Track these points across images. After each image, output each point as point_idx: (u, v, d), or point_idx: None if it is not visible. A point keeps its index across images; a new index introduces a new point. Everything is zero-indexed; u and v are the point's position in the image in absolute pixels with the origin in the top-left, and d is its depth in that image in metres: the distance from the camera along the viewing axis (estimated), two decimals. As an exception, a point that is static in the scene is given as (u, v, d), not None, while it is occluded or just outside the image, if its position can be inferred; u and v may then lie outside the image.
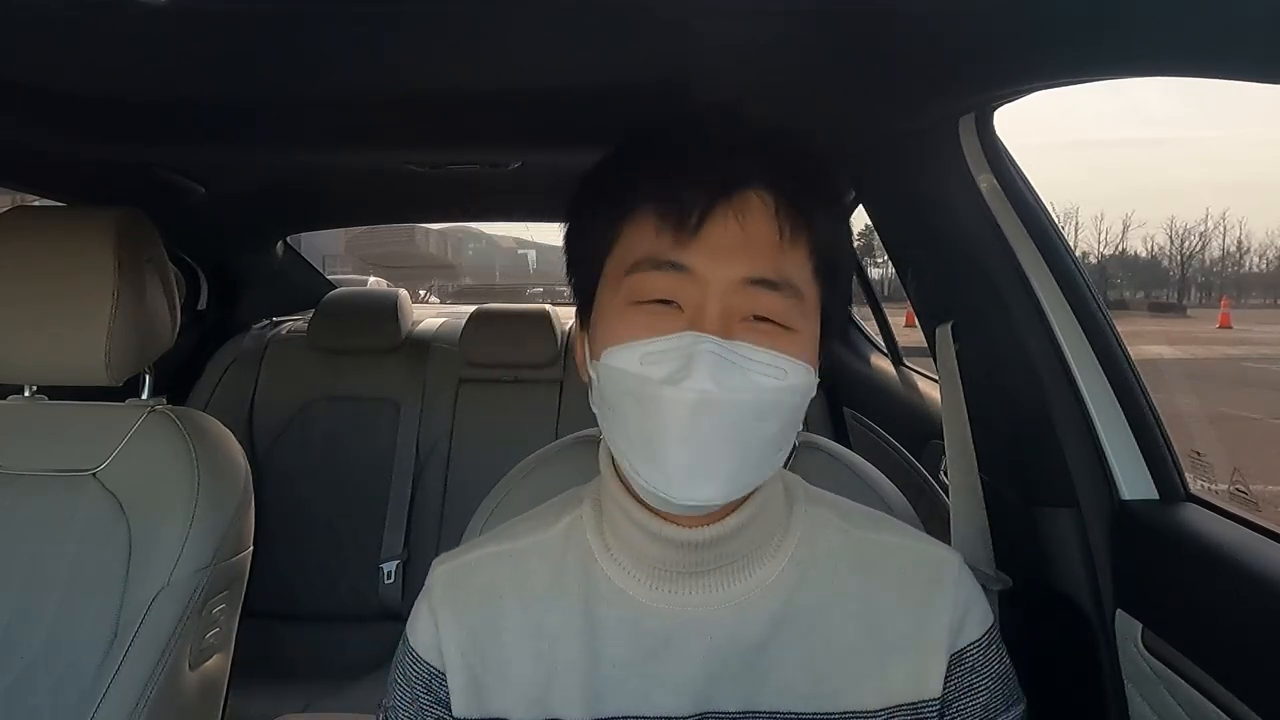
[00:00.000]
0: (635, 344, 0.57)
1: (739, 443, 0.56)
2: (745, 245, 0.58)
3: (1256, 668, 0.70)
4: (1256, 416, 5.88)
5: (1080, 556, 0.91)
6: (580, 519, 0.67)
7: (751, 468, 0.58)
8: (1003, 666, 0.65)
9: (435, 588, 0.66)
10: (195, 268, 2.12)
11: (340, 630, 1.96)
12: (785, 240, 0.59)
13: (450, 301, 9.91)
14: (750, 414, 0.56)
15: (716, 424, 0.55)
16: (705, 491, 0.56)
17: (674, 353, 0.56)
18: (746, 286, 0.57)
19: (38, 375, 1.10)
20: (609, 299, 0.61)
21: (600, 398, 0.61)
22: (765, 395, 0.56)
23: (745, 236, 0.58)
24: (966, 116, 0.90)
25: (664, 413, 0.55)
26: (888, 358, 1.92)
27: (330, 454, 2.05)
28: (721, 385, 0.54)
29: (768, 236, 0.59)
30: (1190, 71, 0.59)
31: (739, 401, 0.55)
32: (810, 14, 0.73)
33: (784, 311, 0.58)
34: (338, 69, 0.89)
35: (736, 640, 0.61)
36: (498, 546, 0.67)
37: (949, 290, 1.06)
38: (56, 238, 1.07)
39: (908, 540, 0.67)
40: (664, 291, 0.58)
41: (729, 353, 0.55)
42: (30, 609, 1.00)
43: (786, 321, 0.58)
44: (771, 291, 0.58)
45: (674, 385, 0.54)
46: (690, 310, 0.57)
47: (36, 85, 0.92)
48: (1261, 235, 77.13)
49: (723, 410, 0.55)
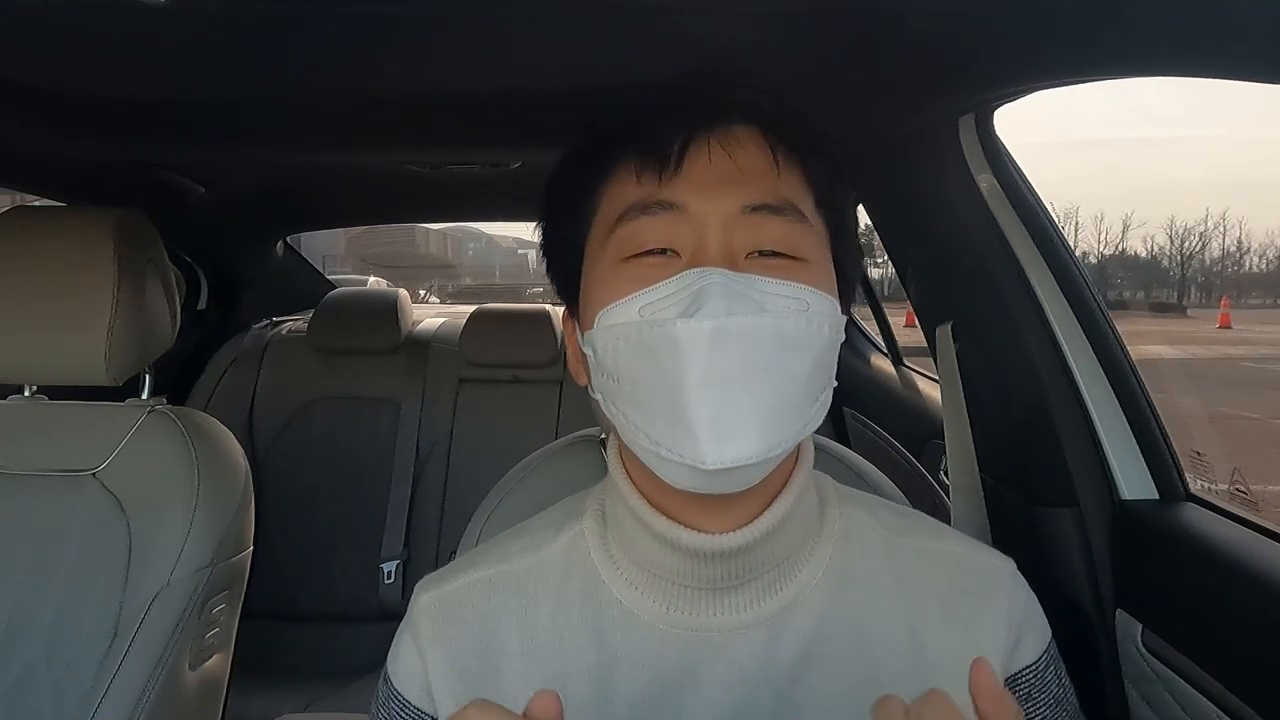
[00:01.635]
0: (632, 296, 0.51)
1: (769, 380, 0.48)
2: (737, 173, 0.53)
3: (1256, 668, 0.70)
4: (1256, 416, 5.88)
5: (1080, 556, 0.91)
6: (582, 535, 0.59)
7: (788, 414, 0.49)
8: (1061, 690, 0.58)
9: (421, 622, 0.57)
10: (195, 268, 2.12)
11: (340, 630, 1.96)
12: (780, 167, 0.54)
13: (450, 301, 9.90)
14: (776, 345, 0.48)
15: (737, 355, 0.47)
16: (739, 446, 0.47)
17: (677, 295, 0.49)
18: (746, 215, 0.52)
19: (38, 375, 1.10)
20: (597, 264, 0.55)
21: (600, 371, 0.53)
22: (787, 322, 0.49)
23: (735, 165, 0.53)
24: (966, 116, 0.90)
25: (679, 354, 0.47)
26: (888, 358, 1.92)
27: (330, 454, 2.05)
28: (735, 314, 0.47)
29: (760, 163, 0.54)
30: (1190, 71, 0.59)
31: (761, 329, 0.48)
32: (810, 14, 0.73)
33: (793, 239, 0.52)
34: (338, 69, 0.89)
35: (767, 668, 0.53)
36: (490, 570, 0.58)
37: (949, 290, 1.06)
38: (56, 238, 1.07)
39: (952, 545, 0.59)
40: (657, 238, 0.52)
41: (739, 284, 0.49)
42: (30, 609, 1.00)
43: (798, 251, 0.52)
44: (775, 216, 0.52)
45: (684, 319, 0.47)
46: (689, 253, 0.51)
47: (36, 85, 0.92)
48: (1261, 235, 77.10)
49: (744, 341, 0.47)
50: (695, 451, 0.47)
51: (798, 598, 0.55)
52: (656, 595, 0.55)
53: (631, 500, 0.55)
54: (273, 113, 1.08)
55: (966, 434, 1.04)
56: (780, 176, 0.54)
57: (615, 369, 0.52)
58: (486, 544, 0.63)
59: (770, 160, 0.54)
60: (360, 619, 1.96)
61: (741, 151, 0.54)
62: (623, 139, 0.55)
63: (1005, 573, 0.58)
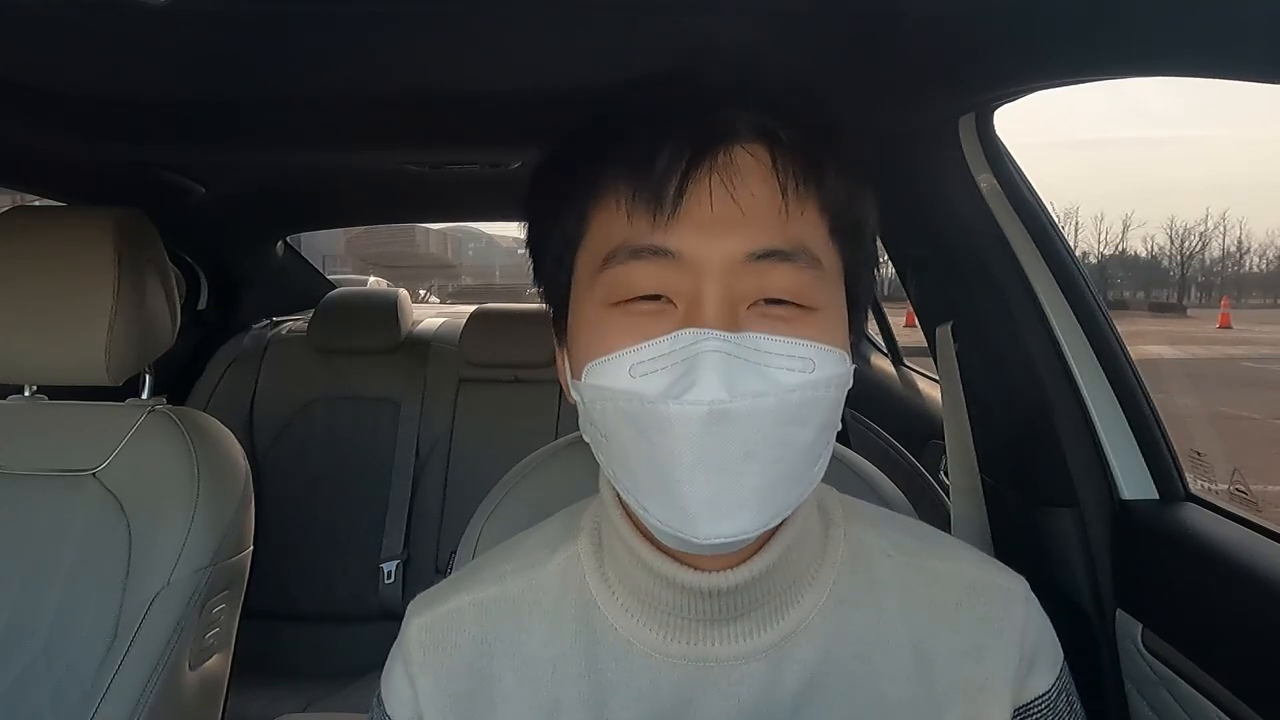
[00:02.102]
0: (621, 354, 0.47)
1: (768, 459, 0.45)
2: (739, 215, 0.47)
3: (1256, 668, 0.70)
4: (1256, 416, 5.88)
5: (1080, 556, 0.91)
6: (577, 557, 0.56)
7: (787, 487, 0.47)
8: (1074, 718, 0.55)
9: (413, 648, 0.56)
10: (195, 268, 2.12)
11: (340, 630, 1.96)
12: (789, 200, 0.48)
13: (450, 301, 9.89)
14: (777, 422, 0.45)
15: (736, 440, 0.44)
16: (735, 525, 0.45)
17: (670, 358, 0.45)
18: (750, 264, 0.47)
19: (38, 375, 1.10)
20: (584, 303, 0.51)
21: (589, 422, 0.51)
22: (792, 395, 0.45)
23: (738, 205, 0.47)
24: (966, 116, 0.90)
25: (670, 436, 0.44)
26: (888, 358, 1.92)
27: (330, 454, 2.05)
28: (736, 391, 0.44)
29: (766, 199, 0.48)
30: (1190, 71, 0.59)
31: (760, 409, 0.44)
32: (810, 14, 0.73)
33: (802, 287, 0.47)
34: (338, 69, 0.89)
35: (768, 699, 0.51)
36: (483, 593, 0.56)
37: (949, 290, 1.06)
38: (56, 238, 1.07)
39: (963, 566, 0.56)
40: (649, 285, 0.47)
41: (739, 349, 0.45)
42: (30, 609, 1.00)
43: (806, 300, 0.48)
44: (783, 264, 0.47)
45: (677, 400, 0.44)
46: (685, 304, 0.47)
47: (36, 85, 0.92)
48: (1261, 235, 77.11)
49: (742, 422, 0.44)
50: (689, 528, 0.45)
51: (800, 625, 0.52)
52: (653, 624, 0.53)
53: (626, 535, 0.53)
54: (273, 113, 1.08)
55: (966, 434, 1.04)
56: (789, 214, 0.48)
57: (604, 428, 0.49)
58: (479, 561, 0.61)
59: (777, 193, 0.48)
60: (360, 619, 1.96)
61: (746, 187, 0.47)
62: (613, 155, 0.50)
63: (1018, 596, 0.55)
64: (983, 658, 0.53)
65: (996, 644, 0.53)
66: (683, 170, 0.47)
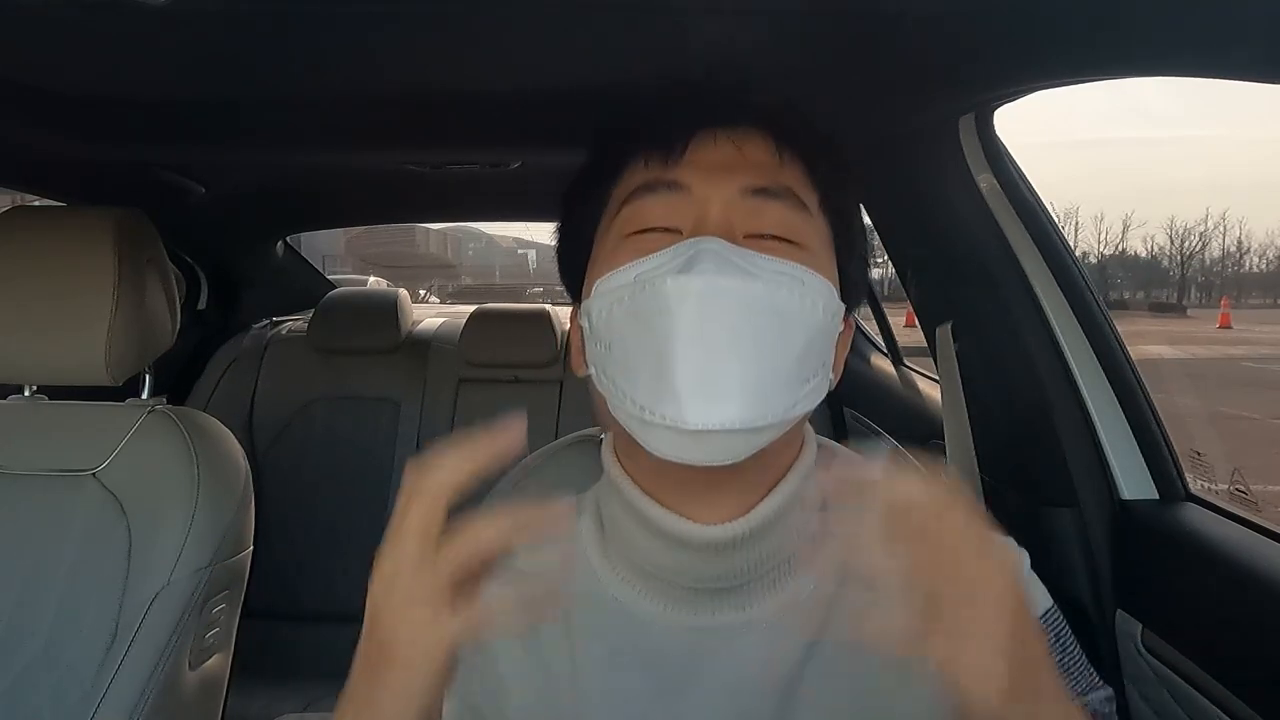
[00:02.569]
0: (629, 265, 0.51)
1: (757, 346, 0.48)
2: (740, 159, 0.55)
3: (1256, 668, 0.70)
4: (1256, 416, 5.88)
5: (1080, 556, 0.91)
6: (579, 535, 0.59)
7: (776, 386, 0.49)
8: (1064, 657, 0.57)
9: None
10: (195, 268, 2.12)
11: (340, 630, 1.95)
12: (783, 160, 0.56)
13: (450, 301, 9.89)
14: (767, 310, 0.48)
15: (728, 319, 0.47)
16: (724, 410, 0.47)
17: (673, 258, 0.50)
18: (746, 198, 0.53)
19: (38, 375, 1.10)
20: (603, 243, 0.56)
21: (594, 340, 0.53)
22: (780, 294, 0.49)
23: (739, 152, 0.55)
24: (966, 116, 0.90)
25: (668, 311, 0.47)
26: (888, 358, 1.92)
27: (330, 454, 2.05)
28: (724, 275, 0.48)
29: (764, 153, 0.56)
30: (1190, 71, 0.59)
31: (752, 291, 0.48)
32: (810, 14, 0.73)
33: (793, 224, 0.54)
34: (338, 69, 0.89)
35: (770, 668, 0.53)
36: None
37: (949, 290, 1.06)
38: (56, 238, 1.07)
39: None
40: (660, 217, 0.53)
41: (734, 253, 0.49)
42: (30, 609, 1.00)
43: (797, 236, 0.53)
44: (775, 201, 0.54)
45: (674, 275, 0.48)
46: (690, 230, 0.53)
47: (36, 85, 0.92)
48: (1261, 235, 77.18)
49: (734, 300, 0.47)
50: (678, 412, 0.47)
51: (800, 595, 0.54)
52: (654, 596, 0.55)
53: (627, 491, 0.55)
54: (273, 113, 1.08)
55: (966, 434, 1.04)
56: (783, 167, 0.56)
57: (607, 334, 0.52)
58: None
59: (774, 152, 0.56)
60: (360, 619, 1.95)
61: (746, 144, 0.56)
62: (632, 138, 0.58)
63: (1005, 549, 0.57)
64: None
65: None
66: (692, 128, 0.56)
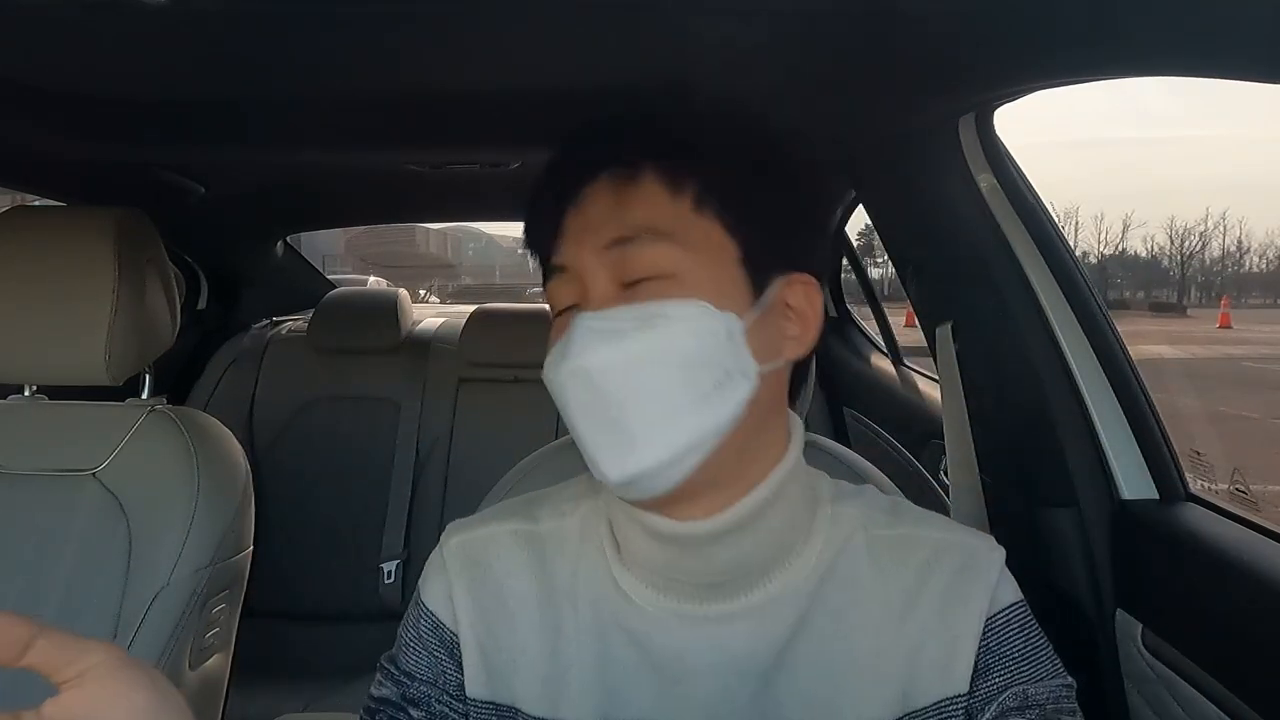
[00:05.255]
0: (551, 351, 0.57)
1: (632, 397, 0.53)
2: (590, 219, 0.57)
3: (1256, 668, 0.70)
4: (1256, 416, 5.88)
5: (1080, 556, 0.91)
6: (596, 512, 0.63)
7: (670, 417, 0.53)
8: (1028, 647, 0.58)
9: (450, 558, 0.63)
10: (195, 268, 2.12)
11: (340, 630, 1.96)
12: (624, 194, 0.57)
13: (450, 301, 9.90)
14: (635, 364, 0.53)
15: (604, 390, 0.53)
16: (630, 459, 0.53)
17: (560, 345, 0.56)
18: (607, 253, 0.56)
19: (38, 375, 1.10)
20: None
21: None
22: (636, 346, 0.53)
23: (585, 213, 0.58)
24: (966, 116, 0.90)
25: (562, 399, 0.55)
26: (888, 358, 1.92)
27: (330, 454, 2.05)
28: (588, 351, 0.53)
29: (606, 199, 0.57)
30: (1190, 71, 0.59)
31: (617, 359, 0.53)
32: (810, 14, 0.73)
33: (654, 260, 0.55)
34: (338, 69, 0.89)
35: (753, 654, 0.57)
36: (517, 525, 0.64)
37: (949, 290, 1.06)
38: (56, 238, 1.07)
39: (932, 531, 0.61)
40: (564, 297, 0.58)
41: (599, 320, 0.54)
42: (31, 609, 1.00)
43: (663, 269, 0.55)
44: (631, 245, 0.55)
45: (554, 369, 0.55)
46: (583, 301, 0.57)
47: (36, 85, 0.92)
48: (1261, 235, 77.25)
49: (603, 371, 0.53)
50: (600, 471, 0.54)
51: (785, 591, 0.58)
52: (649, 583, 0.59)
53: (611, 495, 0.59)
54: (273, 113, 1.08)
55: (966, 434, 1.04)
56: (626, 205, 0.57)
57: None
58: (511, 502, 0.68)
59: (611, 191, 0.57)
60: (360, 619, 1.96)
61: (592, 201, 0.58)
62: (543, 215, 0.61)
63: (983, 549, 0.60)
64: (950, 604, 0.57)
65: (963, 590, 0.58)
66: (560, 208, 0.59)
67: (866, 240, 6.15)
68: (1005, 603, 0.59)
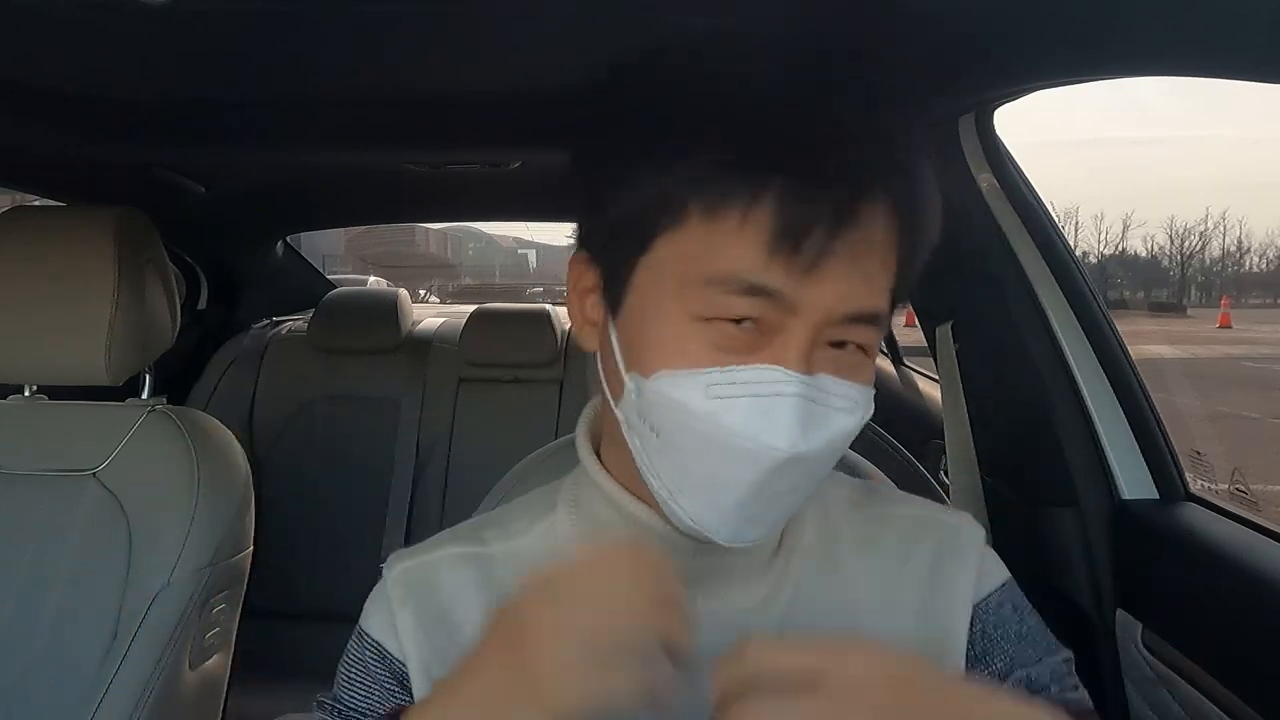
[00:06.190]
0: (700, 372, 0.47)
1: (808, 489, 0.51)
2: (855, 274, 0.48)
3: (1256, 667, 0.70)
4: (1256, 416, 5.88)
5: (1080, 556, 0.91)
6: (554, 527, 0.59)
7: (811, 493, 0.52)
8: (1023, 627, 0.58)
9: (393, 587, 0.59)
10: (195, 268, 2.12)
11: (340, 630, 1.93)
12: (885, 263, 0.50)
13: (450, 301, 9.89)
14: (827, 461, 0.50)
15: (793, 477, 0.48)
16: (757, 532, 0.50)
17: (750, 388, 0.47)
18: (844, 321, 0.48)
19: (38, 375, 1.10)
20: (665, 306, 0.49)
21: (638, 416, 0.51)
22: (839, 438, 0.49)
23: (856, 262, 0.47)
24: (966, 116, 0.90)
25: (739, 467, 0.47)
26: (888, 358, 1.92)
27: (330, 454, 2.04)
28: (808, 439, 0.46)
29: (880, 259, 0.49)
30: (1190, 71, 0.59)
31: (819, 453, 0.48)
32: (810, 14, 0.73)
33: (870, 339, 0.51)
34: (338, 69, 0.89)
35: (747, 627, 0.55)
36: (463, 549, 0.60)
37: (949, 290, 1.06)
38: (56, 238, 1.07)
39: (910, 508, 0.62)
40: (747, 312, 0.47)
41: (815, 392, 0.47)
42: (31, 609, 1.00)
43: (868, 343, 0.51)
44: (868, 326, 0.50)
45: (753, 440, 0.46)
46: (771, 335, 0.48)
47: (36, 85, 0.92)
48: (1261, 235, 77.22)
49: (803, 464, 0.47)
50: (719, 533, 0.49)
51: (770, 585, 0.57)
52: None
53: (606, 486, 0.56)
54: (273, 113, 1.08)
55: (966, 434, 1.04)
56: (883, 274, 0.50)
57: (665, 432, 0.50)
58: (460, 526, 0.64)
59: (883, 253, 0.49)
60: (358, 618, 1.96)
61: (866, 244, 0.47)
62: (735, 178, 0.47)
63: (965, 526, 0.60)
64: (936, 581, 0.57)
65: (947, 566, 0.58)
66: (828, 228, 0.45)
67: (866, 240, 6.13)
68: (996, 583, 0.59)
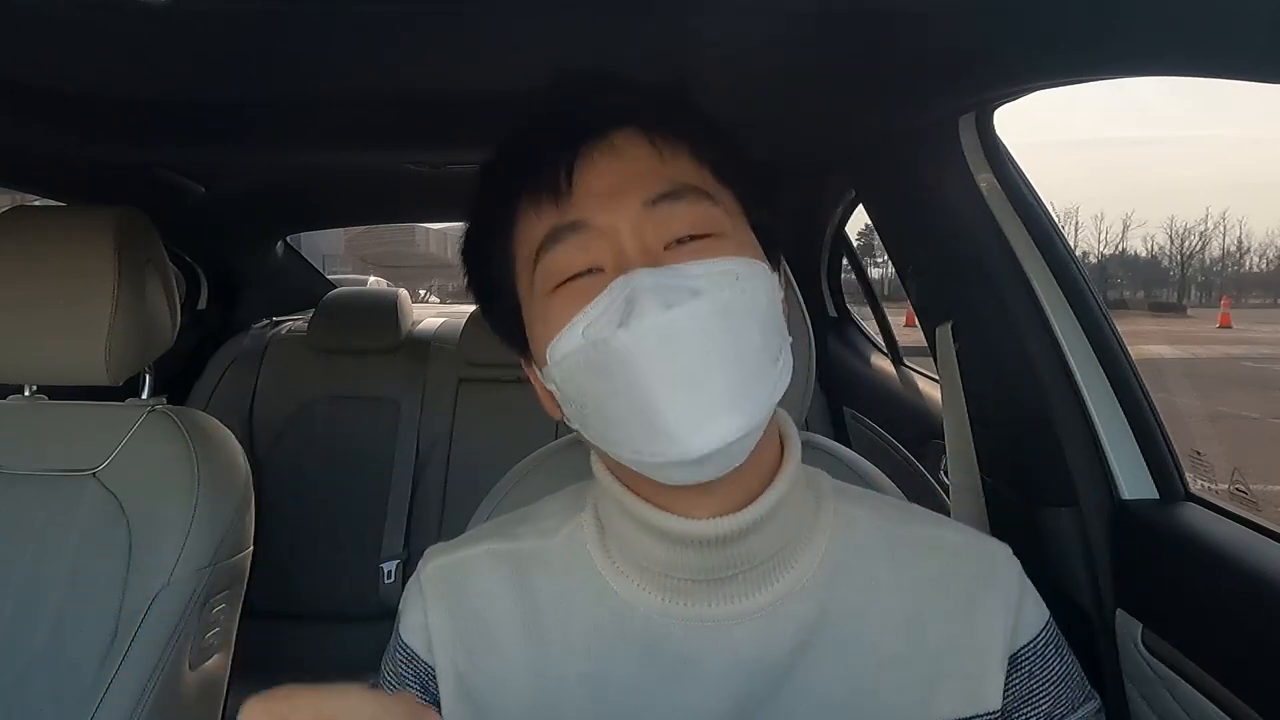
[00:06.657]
0: (572, 323, 0.51)
1: (723, 357, 0.49)
2: (626, 174, 0.53)
3: (1256, 667, 0.70)
4: (1256, 416, 5.88)
5: (1080, 556, 0.91)
6: (580, 528, 0.60)
7: (752, 384, 0.50)
8: (1064, 667, 0.58)
9: (428, 584, 0.61)
10: (195, 268, 2.12)
11: (340, 630, 1.96)
12: (664, 156, 0.54)
13: (450, 301, 9.89)
14: (719, 321, 0.49)
15: (690, 348, 0.48)
16: (719, 428, 0.48)
17: (611, 306, 0.49)
18: (649, 210, 0.52)
19: (38, 375, 1.10)
20: (531, 301, 0.56)
21: (567, 401, 0.55)
22: (724, 301, 0.49)
23: (622, 167, 0.53)
24: (966, 116, 0.90)
25: (631, 363, 0.48)
26: (888, 358, 1.92)
27: (330, 454, 2.05)
28: (684, 311, 0.48)
29: (645, 159, 0.54)
30: (1190, 71, 0.59)
31: (699, 312, 0.48)
32: (810, 14, 0.73)
33: (701, 218, 0.53)
34: (338, 69, 0.89)
35: (765, 655, 0.54)
36: (498, 545, 0.61)
37: (949, 290, 1.06)
38: (56, 238, 1.07)
39: (948, 533, 0.60)
40: (578, 262, 0.52)
41: (667, 275, 0.49)
42: (31, 609, 1.00)
43: (710, 228, 0.53)
44: (676, 202, 0.53)
45: (625, 329, 0.48)
46: (611, 265, 0.52)
47: (36, 85, 0.92)
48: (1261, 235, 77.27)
49: (688, 329, 0.48)
50: (680, 448, 0.48)
51: (794, 588, 0.55)
52: (652, 588, 0.56)
53: (618, 494, 0.56)
54: (273, 113, 1.08)
55: (966, 434, 1.04)
56: (667, 164, 0.54)
57: (579, 395, 0.53)
58: (494, 521, 0.66)
59: (654, 153, 0.54)
60: (360, 619, 1.96)
61: (626, 153, 0.54)
62: (515, 174, 0.56)
63: (1001, 557, 0.59)
64: (973, 616, 0.56)
65: (985, 600, 0.56)
66: (570, 158, 0.53)
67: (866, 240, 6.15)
68: (1040, 623, 0.58)
